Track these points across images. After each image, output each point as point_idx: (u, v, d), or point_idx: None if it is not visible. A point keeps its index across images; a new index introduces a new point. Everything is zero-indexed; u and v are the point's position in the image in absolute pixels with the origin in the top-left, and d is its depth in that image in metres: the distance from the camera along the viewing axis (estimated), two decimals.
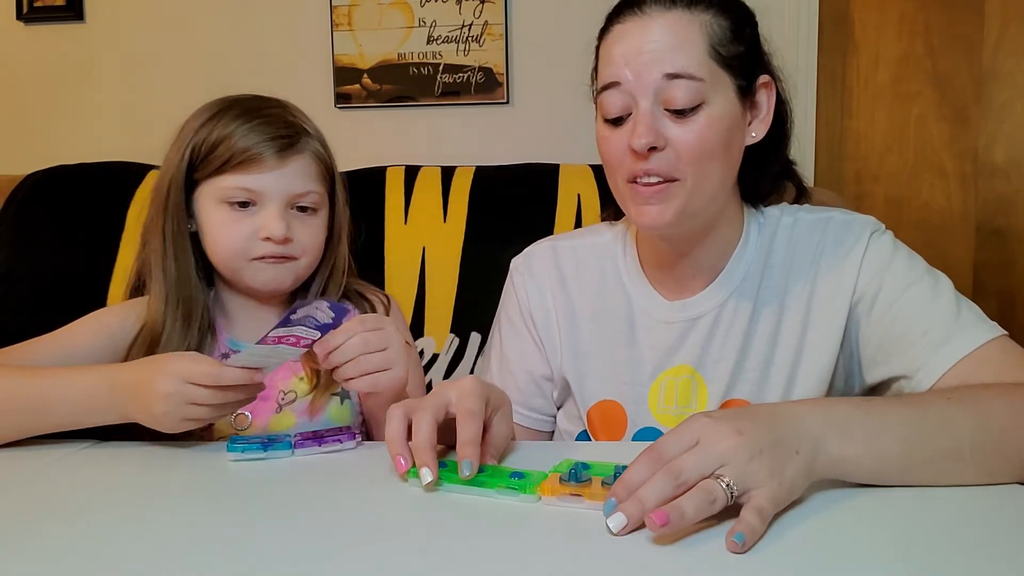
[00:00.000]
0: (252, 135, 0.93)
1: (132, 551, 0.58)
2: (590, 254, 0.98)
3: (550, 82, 1.81)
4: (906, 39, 1.81)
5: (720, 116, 0.80)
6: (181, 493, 0.72)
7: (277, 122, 0.95)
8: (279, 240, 0.93)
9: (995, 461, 0.67)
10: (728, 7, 0.83)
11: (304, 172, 0.96)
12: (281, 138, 0.94)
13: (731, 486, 0.58)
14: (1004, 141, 1.79)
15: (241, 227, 0.94)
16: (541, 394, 1.00)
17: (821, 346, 0.87)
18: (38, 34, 1.98)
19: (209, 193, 0.95)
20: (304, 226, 0.97)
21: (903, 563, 0.54)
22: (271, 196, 0.94)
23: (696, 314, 0.90)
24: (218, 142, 0.93)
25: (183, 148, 0.95)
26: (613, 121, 0.83)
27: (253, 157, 0.92)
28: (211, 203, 0.95)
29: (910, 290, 0.83)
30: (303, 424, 0.97)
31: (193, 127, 0.96)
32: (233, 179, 0.93)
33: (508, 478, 0.67)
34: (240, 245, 0.94)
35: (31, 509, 0.68)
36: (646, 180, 0.82)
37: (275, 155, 0.93)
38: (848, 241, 0.87)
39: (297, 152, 0.96)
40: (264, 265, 0.95)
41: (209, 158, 0.94)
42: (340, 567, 0.55)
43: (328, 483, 0.73)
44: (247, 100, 0.98)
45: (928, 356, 0.79)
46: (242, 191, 0.93)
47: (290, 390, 0.99)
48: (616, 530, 0.58)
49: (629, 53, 0.80)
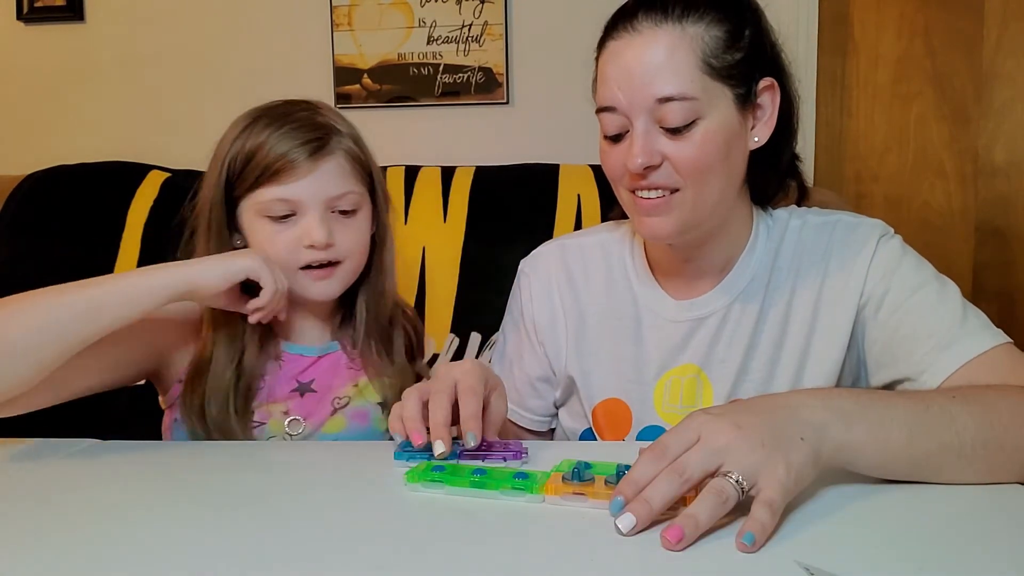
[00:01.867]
0: (283, 143, 0.91)
1: (132, 551, 0.58)
2: (598, 253, 0.99)
3: (550, 82, 1.81)
4: (906, 39, 1.81)
5: (716, 129, 0.80)
6: (181, 493, 0.72)
7: (306, 125, 0.94)
8: (321, 246, 0.92)
9: (997, 459, 0.67)
10: (724, 13, 0.81)
11: (339, 172, 0.94)
12: (311, 141, 0.92)
13: (740, 481, 0.58)
14: (1004, 141, 1.79)
15: (283, 238, 0.92)
16: (537, 395, 1.01)
17: (827, 348, 0.87)
18: (38, 34, 1.98)
19: (250, 208, 0.94)
20: (345, 228, 0.95)
21: (903, 562, 0.54)
22: (308, 202, 0.92)
23: (703, 314, 0.91)
24: (251, 155, 0.92)
25: (220, 166, 0.94)
26: (612, 138, 0.84)
27: (285, 166, 0.91)
28: (253, 218, 0.94)
29: (917, 294, 0.83)
30: (354, 428, 0.98)
31: (227, 143, 0.95)
32: (270, 191, 0.91)
33: (512, 479, 0.67)
34: (285, 257, 0.92)
35: (31, 509, 0.67)
36: (646, 195, 0.83)
37: (307, 160, 0.91)
38: (856, 244, 0.87)
39: (328, 153, 0.94)
40: (311, 281, 0.94)
41: (244, 173, 0.92)
42: (342, 567, 0.55)
43: (330, 483, 0.73)
44: (275, 107, 0.96)
45: (932, 360, 0.79)
46: (280, 203, 0.91)
47: (345, 395, 0.99)
48: (626, 531, 0.58)
49: (621, 76, 0.81)
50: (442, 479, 0.68)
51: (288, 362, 0.99)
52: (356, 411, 0.99)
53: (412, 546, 0.58)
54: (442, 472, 0.69)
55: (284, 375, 0.98)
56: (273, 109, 0.96)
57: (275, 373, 0.98)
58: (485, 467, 0.70)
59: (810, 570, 0.52)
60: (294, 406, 0.97)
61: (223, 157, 0.94)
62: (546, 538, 0.60)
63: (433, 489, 0.68)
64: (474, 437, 0.72)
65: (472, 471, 0.68)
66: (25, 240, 1.42)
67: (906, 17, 1.81)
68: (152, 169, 1.55)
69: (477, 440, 0.72)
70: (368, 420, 0.99)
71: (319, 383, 0.99)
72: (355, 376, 1.01)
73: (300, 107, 0.97)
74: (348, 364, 1.01)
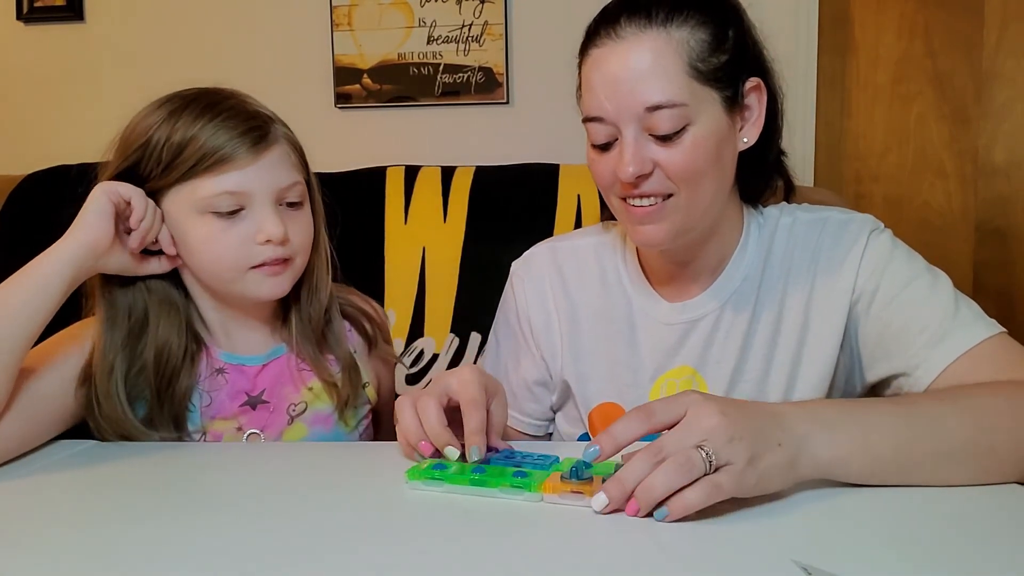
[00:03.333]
0: (221, 133, 0.84)
1: (132, 551, 0.58)
2: (590, 255, 0.98)
3: (550, 82, 1.80)
4: (906, 39, 1.81)
5: (707, 134, 0.80)
6: (181, 493, 0.72)
7: (241, 114, 0.86)
8: (278, 241, 0.85)
9: (989, 461, 0.67)
10: (708, 15, 0.80)
11: (284, 162, 0.88)
12: (252, 130, 0.85)
13: (710, 455, 0.59)
14: (1004, 141, 1.79)
15: (232, 236, 0.85)
16: (534, 399, 1.00)
17: (821, 345, 0.87)
18: (38, 34, 1.98)
19: (183, 203, 0.85)
20: (294, 223, 0.88)
21: (902, 562, 0.54)
22: (259, 195, 0.85)
23: (697, 315, 0.90)
24: (181, 146, 0.83)
25: (127, 156, 0.86)
26: (601, 146, 0.83)
27: (226, 156, 0.83)
28: (189, 215, 0.85)
29: (909, 287, 0.83)
30: (316, 434, 0.94)
31: (140, 133, 0.86)
32: (212, 184, 0.83)
33: (511, 477, 0.67)
34: (235, 255, 0.85)
35: (31, 509, 0.68)
36: (639, 202, 0.82)
37: (250, 150, 0.84)
38: (847, 240, 0.87)
39: (272, 142, 0.87)
40: (263, 276, 0.87)
41: (174, 164, 0.84)
42: (342, 567, 0.55)
43: (330, 483, 0.73)
44: (201, 95, 0.88)
45: (927, 353, 0.79)
46: (227, 196, 0.84)
47: (300, 401, 0.94)
48: (598, 509, 0.61)
49: (608, 84, 0.79)
50: (442, 477, 0.68)
51: (232, 374, 0.92)
52: (316, 416, 0.94)
53: (412, 545, 0.58)
54: (443, 470, 0.69)
55: (230, 390, 0.91)
56: (199, 98, 0.88)
57: (220, 388, 0.91)
58: (485, 465, 0.70)
59: (808, 570, 0.52)
60: (247, 421, 0.91)
61: (135, 147, 0.86)
62: (542, 537, 0.60)
63: (433, 487, 0.68)
64: (478, 451, 0.69)
65: (472, 469, 0.69)
66: (25, 240, 1.41)
67: (906, 17, 1.81)
68: None
69: (481, 454, 0.70)
70: (331, 424, 0.95)
71: (270, 393, 0.93)
72: (307, 378, 0.95)
73: (226, 95, 0.90)
74: (298, 366, 0.95)
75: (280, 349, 0.95)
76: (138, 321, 0.89)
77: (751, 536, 0.58)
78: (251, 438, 0.91)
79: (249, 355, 0.94)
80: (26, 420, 0.81)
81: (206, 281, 0.90)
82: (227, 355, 0.93)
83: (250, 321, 0.95)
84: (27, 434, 0.82)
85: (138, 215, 0.83)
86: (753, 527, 0.60)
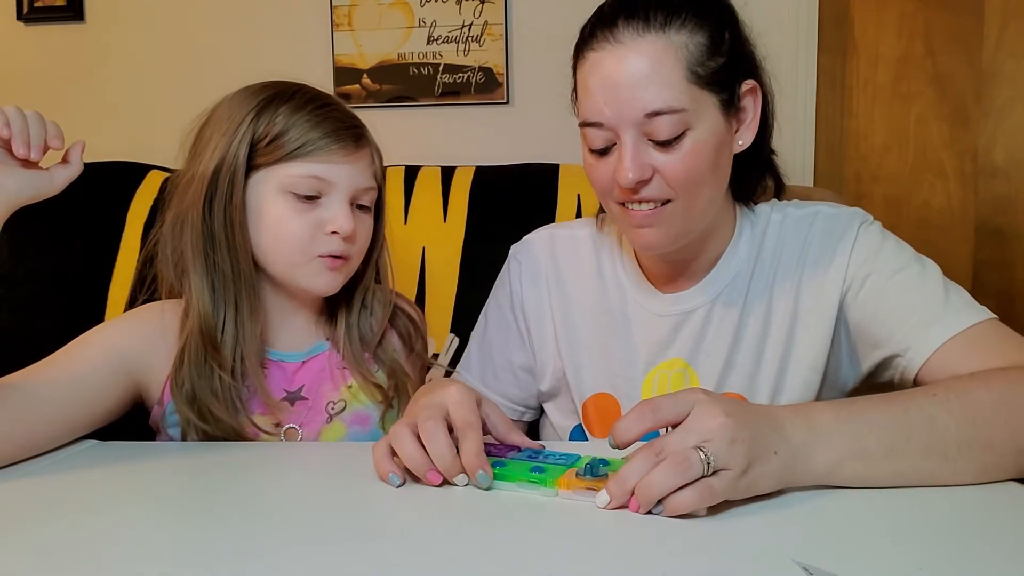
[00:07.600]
0: (325, 124, 0.88)
1: (132, 551, 0.58)
2: (588, 246, 0.99)
3: (550, 82, 1.78)
4: (906, 39, 1.81)
5: (706, 139, 0.80)
6: (181, 493, 0.72)
7: (343, 114, 0.92)
8: (346, 235, 0.88)
9: (986, 457, 0.67)
10: (703, 18, 0.79)
11: (369, 167, 0.93)
12: (350, 129, 0.90)
13: (709, 457, 0.60)
14: (1004, 141, 1.79)
15: (305, 220, 0.88)
16: (517, 384, 1.01)
17: (811, 338, 0.87)
18: (38, 34, 1.98)
19: (269, 181, 0.88)
20: (361, 224, 0.92)
21: (901, 562, 0.54)
22: (340, 188, 0.89)
23: (689, 308, 0.91)
24: (286, 129, 0.87)
25: (238, 134, 0.88)
26: (599, 151, 0.82)
27: (326, 146, 0.87)
28: (271, 193, 0.88)
29: (898, 275, 0.84)
30: (354, 434, 0.94)
31: (245, 113, 0.89)
32: (303, 167, 0.87)
33: (528, 472, 0.68)
34: (302, 238, 0.88)
35: (31, 509, 0.68)
36: (637, 207, 0.82)
37: (346, 146, 0.89)
38: (836, 233, 0.88)
39: (365, 146, 0.93)
40: (323, 268, 0.89)
41: (274, 144, 0.87)
42: (342, 567, 0.55)
43: (333, 482, 0.73)
44: (304, 89, 0.93)
45: (916, 337, 0.79)
46: (314, 180, 0.87)
47: (339, 399, 0.95)
48: (601, 505, 0.62)
49: (606, 90, 0.78)
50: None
51: (272, 369, 0.93)
52: (355, 415, 0.95)
53: (414, 544, 0.58)
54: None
55: (269, 384, 0.92)
56: (303, 91, 0.92)
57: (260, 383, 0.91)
58: (506, 460, 0.71)
59: (808, 569, 0.52)
60: (285, 417, 0.92)
61: (241, 126, 0.88)
62: (548, 531, 0.60)
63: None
64: (485, 477, 0.67)
65: (492, 463, 0.69)
66: (25, 240, 1.42)
67: (906, 17, 1.81)
68: (152, 169, 1.55)
69: (490, 477, 0.67)
70: (370, 423, 0.96)
71: (309, 389, 0.94)
72: (347, 377, 0.96)
73: (327, 95, 0.94)
74: (339, 364, 0.96)
75: (322, 346, 0.97)
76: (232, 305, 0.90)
77: (751, 536, 0.58)
78: (289, 433, 0.92)
79: (290, 351, 0.95)
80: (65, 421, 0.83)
81: (270, 264, 0.91)
82: (269, 351, 0.94)
83: (297, 316, 0.96)
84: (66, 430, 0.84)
85: (3, 119, 0.78)
86: (753, 527, 0.60)
